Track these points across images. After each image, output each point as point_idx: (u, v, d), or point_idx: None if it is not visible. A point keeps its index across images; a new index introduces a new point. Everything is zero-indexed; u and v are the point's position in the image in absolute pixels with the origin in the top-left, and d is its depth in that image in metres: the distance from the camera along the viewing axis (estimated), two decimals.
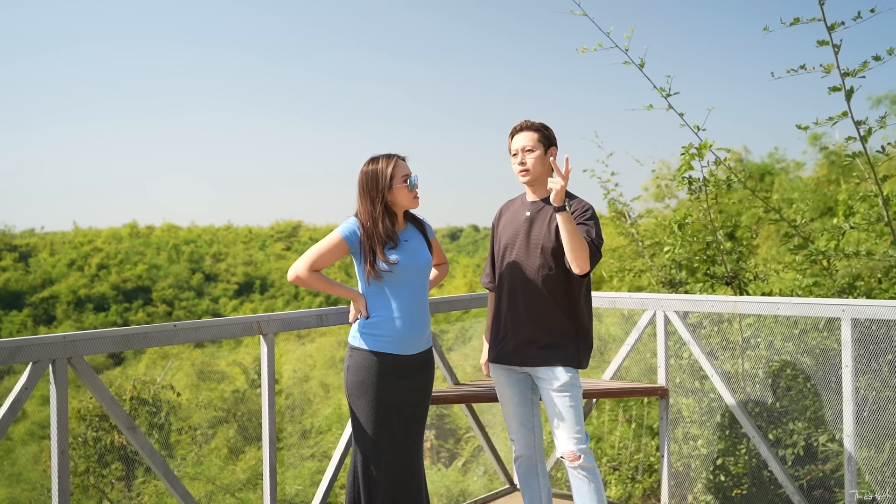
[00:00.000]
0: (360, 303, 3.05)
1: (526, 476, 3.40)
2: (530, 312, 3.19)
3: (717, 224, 5.27)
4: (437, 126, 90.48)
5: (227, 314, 35.24)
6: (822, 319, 4.34)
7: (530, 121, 3.27)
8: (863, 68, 4.14)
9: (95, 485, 7.89)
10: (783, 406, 4.48)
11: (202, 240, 45.57)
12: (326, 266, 3.04)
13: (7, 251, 40.86)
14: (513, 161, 3.27)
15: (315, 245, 3.02)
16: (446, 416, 8.45)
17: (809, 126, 4.35)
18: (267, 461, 3.39)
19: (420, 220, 3.21)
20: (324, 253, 2.99)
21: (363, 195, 3.05)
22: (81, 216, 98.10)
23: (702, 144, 4.70)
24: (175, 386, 9.49)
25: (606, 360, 5.07)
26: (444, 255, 3.39)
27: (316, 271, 3.00)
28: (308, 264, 2.99)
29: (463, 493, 6.75)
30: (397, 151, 3.11)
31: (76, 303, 37.02)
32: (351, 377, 3.03)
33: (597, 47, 4.62)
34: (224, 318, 3.32)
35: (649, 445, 5.67)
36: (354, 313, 3.09)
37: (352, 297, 3.07)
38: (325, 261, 3.00)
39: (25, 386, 2.70)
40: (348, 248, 3.01)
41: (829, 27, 4.12)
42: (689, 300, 4.25)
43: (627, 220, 6.90)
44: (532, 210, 3.26)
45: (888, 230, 4.64)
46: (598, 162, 6.69)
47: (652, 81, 4.72)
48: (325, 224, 47.43)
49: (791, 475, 4.16)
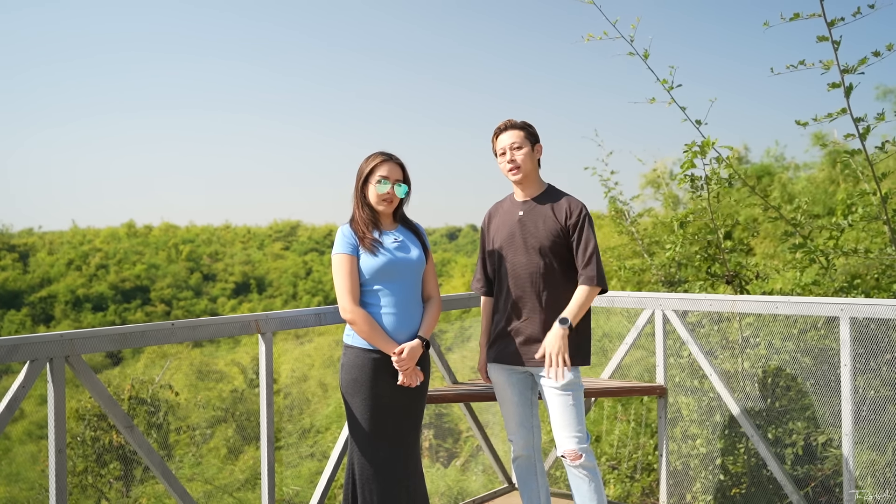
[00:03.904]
0: (401, 353, 2.98)
1: (524, 476, 3.39)
2: (535, 311, 3.19)
3: (718, 223, 5.26)
4: (436, 125, 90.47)
5: (226, 314, 35.20)
6: (821, 318, 4.33)
7: (513, 120, 3.28)
8: (860, 64, 4.13)
9: (94, 484, 7.88)
10: (782, 405, 4.48)
11: (200, 239, 45.54)
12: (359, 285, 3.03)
13: (5, 250, 40.80)
14: (500, 160, 3.27)
15: (336, 281, 3.01)
16: (445, 416, 8.44)
17: (808, 122, 4.35)
18: (265, 461, 3.39)
19: (415, 226, 3.21)
20: (347, 277, 2.99)
21: (355, 184, 3.12)
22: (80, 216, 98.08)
23: (704, 142, 4.70)
24: (173, 385, 9.47)
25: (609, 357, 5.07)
26: (437, 287, 3.24)
27: (360, 307, 2.98)
28: (349, 299, 2.98)
29: (461, 493, 6.74)
30: (397, 154, 3.12)
31: (74, 302, 36.99)
32: (345, 375, 3.02)
33: (603, 36, 4.61)
34: (222, 317, 3.31)
35: (648, 444, 5.67)
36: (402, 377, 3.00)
37: (389, 351, 2.97)
38: (355, 282, 3.00)
39: (23, 384, 2.68)
40: (356, 256, 3.02)
41: (829, 23, 4.11)
42: (687, 299, 4.25)
43: (627, 219, 6.89)
44: (524, 209, 3.26)
45: (885, 228, 4.63)
46: (599, 160, 6.69)
47: (655, 73, 4.73)
48: (324, 224, 47.49)
49: (790, 474, 4.16)
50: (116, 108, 79.93)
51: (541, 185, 3.31)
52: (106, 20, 76.26)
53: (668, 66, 4.73)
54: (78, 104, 79.98)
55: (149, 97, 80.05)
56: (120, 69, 77.78)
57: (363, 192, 3.09)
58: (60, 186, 79.71)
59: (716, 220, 5.23)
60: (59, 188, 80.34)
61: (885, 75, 21.27)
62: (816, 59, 4.20)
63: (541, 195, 3.27)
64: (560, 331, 3.06)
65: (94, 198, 78.58)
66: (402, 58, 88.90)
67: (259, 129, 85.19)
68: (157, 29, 78.38)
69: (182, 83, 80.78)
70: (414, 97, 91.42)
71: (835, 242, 4.66)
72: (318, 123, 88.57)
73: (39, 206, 77.21)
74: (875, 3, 4.03)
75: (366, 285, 3.03)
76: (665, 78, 4.69)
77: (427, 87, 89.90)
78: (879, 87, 13.33)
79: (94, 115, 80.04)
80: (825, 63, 4.14)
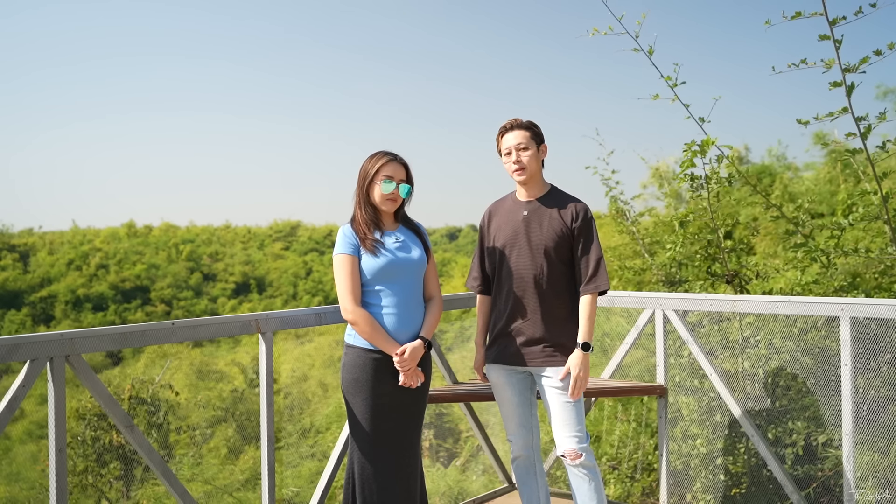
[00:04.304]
0: (403, 353, 2.98)
1: (524, 476, 3.39)
2: (537, 311, 3.18)
3: (719, 222, 5.26)
4: (436, 125, 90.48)
5: (226, 314, 35.21)
6: (822, 318, 4.33)
7: (519, 119, 3.26)
8: (862, 63, 4.12)
9: (94, 484, 7.88)
10: (782, 405, 4.47)
11: (200, 239, 45.54)
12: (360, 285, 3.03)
13: (6, 250, 40.81)
14: (506, 160, 3.26)
15: (337, 281, 3.01)
16: (445, 416, 8.45)
17: (810, 121, 4.34)
18: (265, 461, 3.38)
19: (416, 226, 3.20)
20: (348, 278, 2.99)
21: (357, 184, 3.11)
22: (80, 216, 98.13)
23: (704, 141, 4.69)
24: (174, 385, 9.47)
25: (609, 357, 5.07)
26: (438, 287, 3.25)
27: (362, 307, 2.98)
28: (351, 299, 2.98)
29: (461, 493, 6.74)
30: (400, 153, 3.12)
31: (75, 302, 37.00)
32: (346, 375, 3.02)
33: (608, 31, 4.61)
34: (222, 317, 3.30)
35: (648, 444, 5.66)
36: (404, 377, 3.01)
37: (391, 351, 2.97)
38: (356, 282, 3.00)
39: (23, 384, 2.68)
40: (357, 256, 3.01)
41: (831, 22, 4.10)
42: (687, 299, 4.24)
43: (628, 219, 6.89)
44: (529, 209, 3.25)
45: (886, 228, 4.63)
46: (600, 160, 6.69)
47: (659, 70, 4.72)
48: (324, 224, 47.46)
49: (790, 474, 4.16)
50: (117, 109, 79.99)
51: (544, 186, 3.30)
52: (106, 20, 76.31)
53: (670, 64, 4.74)
54: (79, 105, 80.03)
55: (149, 98, 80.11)
56: (120, 70, 77.85)
57: (367, 192, 3.07)
58: (61, 186, 79.78)
59: (716, 219, 5.23)
60: (59, 188, 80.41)
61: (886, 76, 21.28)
62: (818, 59, 4.20)
63: (545, 196, 3.27)
64: (584, 356, 3.12)
65: (94, 198, 78.64)
66: (402, 58, 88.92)
67: (260, 130, 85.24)
68: (158, 29, 78.45)
69: (182, 84, 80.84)
70: (414, 97, 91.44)
71: (836, 242, 4.66)
72: (319, 124, 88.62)
73: (40, 207, 77.29)
74: (877, 1, 4.03)
75: (367, 285, 3.02)
76: (669, 75, 4.69)
77: (431, 87, 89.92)
78: (880, 87, 13.33)
79: (95, 116, 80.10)
80: (827, 62, 4.14)
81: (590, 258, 3.17)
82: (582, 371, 3.10)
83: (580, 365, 3.10)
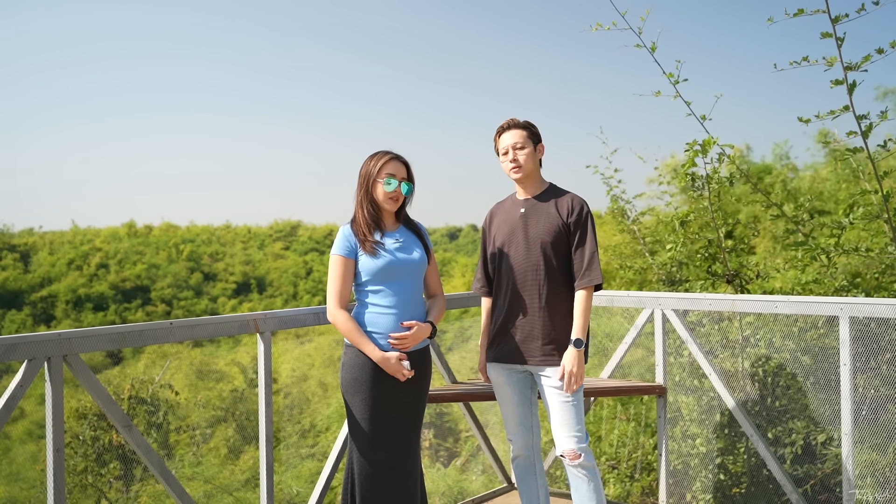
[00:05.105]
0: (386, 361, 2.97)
1: (524, 475, 3.39)
2: (535, 307, 3.19)
3: (719, 222, 5.25)
4: (436, 125, 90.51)
5: (226, 314, 35.18)
6: (821, 318, 4.33)
7: (516, 119, 3.28)
8: (864, 61, 4.11)
9: (94, 484, 7.87)
10: (782, 405, 4.47)
11: (201, 239, 45.54)
12: (351, 288, 3.05)
13: (6, 250, 40.82)
14: (503, 160, 3.28)
15: (328, 281, 3.05)
16: (445, 416, 8.44)
17: (811, 119, 4.34)
18: (264, 460, 3.38)
19: (416, 226, 3.20)
20: (338, 280, 3.01)
21: (357, 185, 3.10)
22: (80, 216, 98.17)
23: (706, 141, 4.69)
24: (173, 385, 9.46)
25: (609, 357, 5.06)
26: (440, 286, 3.24)
27: (346, 310, 3.00)
28: (335, 301, 3.00)
29: (461, 493, 6.74)
30: (401, 153, 3.11)
31: (75, 302, 37.01)
32: (346, 375, 3.02)
33: (611, 26, 4.61)
34: (220, 316, 3.30)
35: (648, 444, 5.66)
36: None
37: (375, 358, 2.95)
38: (346, 285, 3.01)
39: (20, 384, 2.68)
40: (352, 259, 3.01)
41: (833, 19, 4.09)
42: (687, 298, 4.24)
43: (629, 218, 6.88)
44: (526, 207, 3.26)
45: (886, 227, 4.62)
46: (603, 158, 6.68)
47: (662, 67, 4.72)
48: (325, 223, 47.48)
49: (789, 474, 4.15)
50: (117, 110, 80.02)
51: (542, 184, 3.31)
52: (105, 21, 76.33)
53: (672, 62, 4.74)
54: (79, 106, 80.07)
55: (151, 99, 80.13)
56: (122, 71, 77.86)
57: (369, 191, 3.06)
58: (61, 186, 79.80)
59: (716, 219, 5.22)
60: (59, 188, 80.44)
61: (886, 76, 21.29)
62: (819, 57, 4.19)
63: (542, 193, 3.28)
64: (577, 353, 3.11)
65: (94, 198, 78.67)
66: (403, 58, 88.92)
67: (260, 130, 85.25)
68: (158, 30, 78.46)
69: (183, 85, 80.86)
70: (415, 97, 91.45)
71: (836, 241, 4.65)
72: (320, 124, 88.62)
73: (40, 206, 77.32)
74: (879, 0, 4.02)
75: (367, 285, 3.02)
76: (671, 72, 4.69)
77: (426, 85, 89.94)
78: (879, 88, 13.32)
79: (96, 117, 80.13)
80: (829, 60, 4.13)
81: (584, 251, 3.17)
82: (575, 367, 3.09)
83: (573, 361, 3.10)
